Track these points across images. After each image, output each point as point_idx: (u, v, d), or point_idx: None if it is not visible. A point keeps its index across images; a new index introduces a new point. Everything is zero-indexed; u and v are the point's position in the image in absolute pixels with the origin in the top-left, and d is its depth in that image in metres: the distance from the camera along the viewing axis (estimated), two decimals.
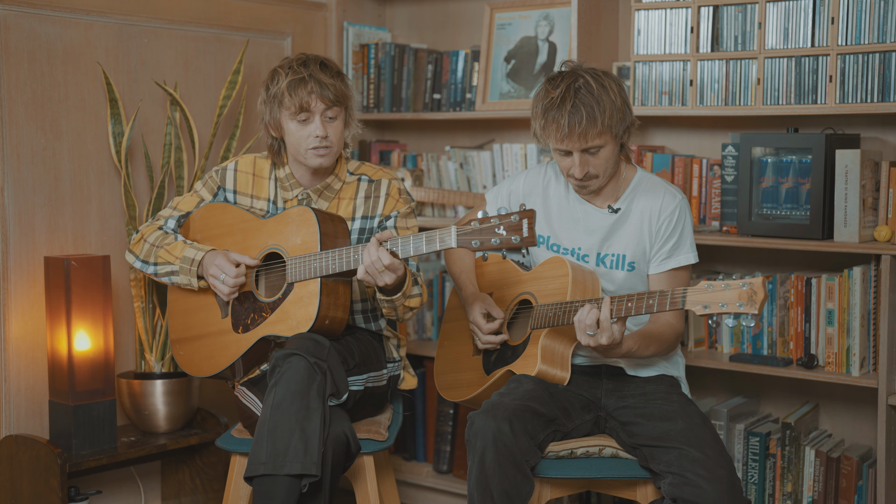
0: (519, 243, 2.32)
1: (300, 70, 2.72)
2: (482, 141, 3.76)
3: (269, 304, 2.71)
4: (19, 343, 3.09)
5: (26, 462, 2.98)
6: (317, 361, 2.51)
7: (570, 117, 2.51)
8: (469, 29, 3.79)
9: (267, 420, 2.47)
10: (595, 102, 2.52)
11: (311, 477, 2.43)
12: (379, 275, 2.52)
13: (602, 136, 2.54)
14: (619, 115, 2.55)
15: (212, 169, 2.96)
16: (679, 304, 2.33)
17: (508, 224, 2.34)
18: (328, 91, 2.71)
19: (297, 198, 2.83)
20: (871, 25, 2.83)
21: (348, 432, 2.55)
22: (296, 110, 2.70)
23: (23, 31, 3.05)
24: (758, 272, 2.25)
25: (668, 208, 2.65)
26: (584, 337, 2.44)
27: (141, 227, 2.92)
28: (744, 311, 2.24)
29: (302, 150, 2.74)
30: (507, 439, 2.40)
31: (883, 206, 2.88)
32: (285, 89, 2.70)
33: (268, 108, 2.77)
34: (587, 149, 2.55)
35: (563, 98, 2.53)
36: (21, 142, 3.06)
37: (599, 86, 2.54)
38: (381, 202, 2.82)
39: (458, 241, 2.38)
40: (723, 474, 2.35)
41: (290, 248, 2.70)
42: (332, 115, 2.74)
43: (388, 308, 2.69)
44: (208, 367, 2.81)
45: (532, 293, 2.71)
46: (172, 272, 2.80)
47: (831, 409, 3.17)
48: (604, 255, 2.70)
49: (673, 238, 2.65)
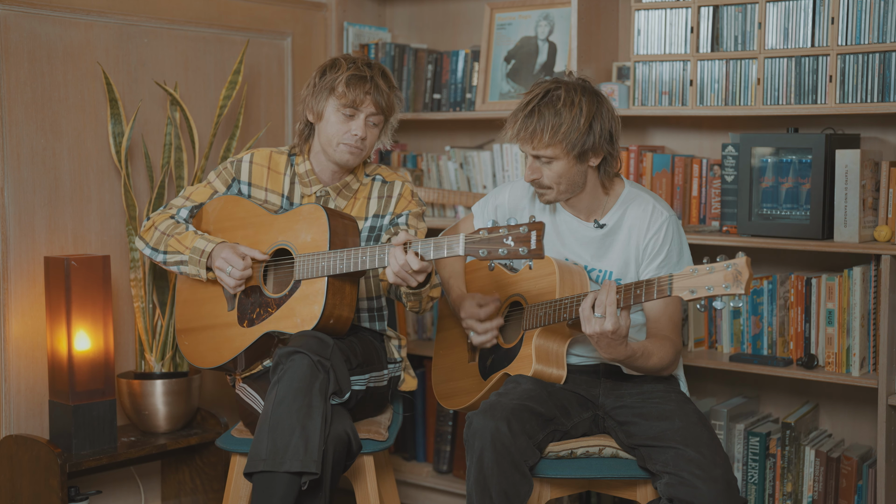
0: (526, 255, 2.32)
1: (364, 69, 2.76)
2: (482, 141, 3.76)
3: (275, 300, 2.72)
4: (19, 343, 3.09)
5: (26, 462, 2.98)
6: (320, 360, 2.52)
7: (525, 120, 2.55)
8: (469, 29, 3.79)
9: (268, 417, 2.48)
10: (554, 115, 2.53)
11: (311, 475, 2.43)
12: (410, 277, 2.52)
13: (551, 149, 2.55)
14: (577, 135, 2.53)
15: (226, 160, 2.96)
16: (666, 292, 2.32)
17: (517, 235, 2.34)
18: (382, 98, 2.76)
19: (315, 194, 2.84)
20: (871, 25, 2.83)
21: (350, 431, 2.56)
22: (346, 103, 2.73)
23: (23, 31, 3.05)
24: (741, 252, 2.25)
25: (655, 224, 2.63)
26: (589, 325, 2.40)
27: (152, 215, 2.91)
28: (730, 293, 2.23)
29: (335, 141, 2.76)
30: (505, 439, 2.40)
31: (883, 206, 2.88)
32: (344, 80, 2.73)
33: (315, 91, 2.78)
34: (538, 156, 2.57)
35: (529, 101, 2.57)
36: (21, 142, 3.06)
37: (569, 101, 2.54)
38: (394, 202, 2.85)
39: (466, 249, 2.39)
40: (719, 474, 2.35)
41: (300, 245, 2.71)
42: (375, 121, 2.78)
43: (413, 301, 2.71)
44: (212, 358, 2.82)
45: (521, 294, 2.71)
46: (182, 262, 2.80)
47: (831, 409, 3.17)
48: (590, 269, 2.70)
49: (660, 255, 2.63)
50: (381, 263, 2.55)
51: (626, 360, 2.50)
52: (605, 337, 2.40)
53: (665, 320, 2.61)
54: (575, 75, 2.66)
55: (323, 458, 2.46)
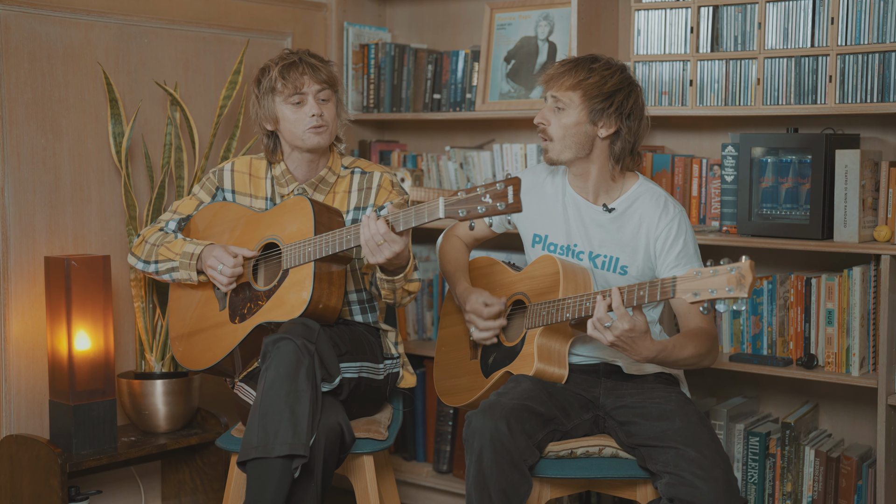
0: (504, 210, 2.34)
1: (290, 56, 2.83)
2: (482, 141, 3.76)
3: (264, 292, 2.73)
4: (19, 343, 3.09)
5: (26, 462, 2.98)
6: (304, 343, 2.53)
7: (561, 65, 2.68)
8: (469, 29, 3.79)
9: (259, 405, 2.50)
10: (588, 70, 2.63)
11: (301, 458, 2.43)
12: (378, 248, 2.52)
13: (570, 93, 2.62)
14: (597, 92, 2.61)
15: (209, 171, 2.98)
16: (669, 293, 2.32)
17: (494, 192, 2.35)
18: (320, 72, 2.81)
19: (293, 192, 2.87)
20: (870, 25, 2.83)
21: (343, 423, 2.57)
22: (290, 93, 2.79)
23: (23, 31, 3.05)
24: (745, 256, 2.25)
25: (667, 216, 2.65)
26: (605, 336, 2.39)
27: (142, 231, 2.96)
28: (733, 296, 2.23)
29: (299, 132, 2.80)
30: (504, 439, 2.40)
31: (883, 206, 2.88)
32: (278, 75, 2.80)
33: (262, 101, 2.85)
34: (556, 97, 2.64)
35: (574, 57, 2.71)
36: (21, 142, 3.06)
37: (605, 67, 2.64)
38: (374, 193, 2.87)
39: (446, 210, 2.40)
40: (719, 474, 2.35)
41: (287, 235, 2.73)
42: (324, 96, 2.83)
43: (387, 290, 2.70)
44: (205, 359, 2.82)
45: (525, 293, 2.72)
46: (172, 268, 2.83)
47: (831, 409, 3.17)
48: (596, 254, 2.70)
49: (677, 246, 2.63)
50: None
51: (659, 355, 2.46)
52: (626, 336, 2.38)
53: (695, 311, 2.59)
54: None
55: (315, 447, 2.47)
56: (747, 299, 2.23)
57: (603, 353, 2.69)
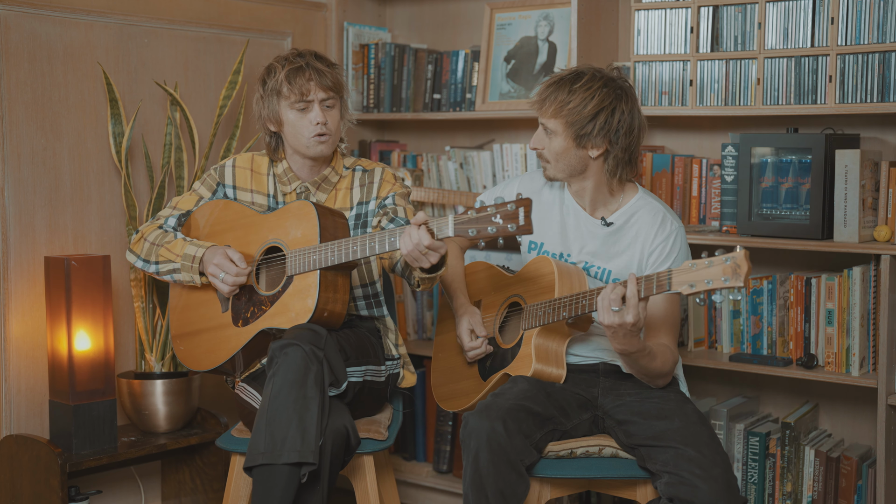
0: (515, 231, 2.32)
1: (297, 60, 2.80)
2: (482, 141, 3.76)
3: (268, 298, 2.72)
4: (19, 343, 3.09)
5: (26, 462, 2.98)
6: (313, 350, 2.52)
7: (545, 88, 2.66)
8: (469, 29, 3.79)
9: (266, 410, 2.49)
10: (568, 92, 2.61)
11: (310, 465, 2.43)
12: (423, 257, 2.49)
13: (553, 121, 2.62)
14: (578, 118, 2.58)
15: (210, 167, 2.98)
16: (666, 287, 2.32)
17: (505, 213, 2.34)
18: (326, 78, 2.78)
19: (295, 191, 2.86)
20: (870, 25, 2.83)
21: (349, 426, 2.56)
22: (296, 99, 2.77)
23: (23, 31, 3.05)
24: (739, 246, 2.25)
25: (664, 232, 2.64)
26: (607, 315, 2.38)
27: (141, 227, 2.94)
28: (729, 286, 2.23)
29: (303, 139, 2.79)
30: (500, 439, 2.40)
31: (883, 206, 2.88)
32: (284, 79, 2.77)
33: (266, 102, 2.83)
34: (543, 124, 2.65)
35: (560, 75, 2.67)
36: (21, 142, 3.06)
37: (587, 87, 2.60)
38: (376, 187, 2.88)
39: (455, 230, 2.39)
40: (718, 473, 2.35)
41: (290, 241, 2.72)
42: (330, 104, 2.81)
43: (427, 283, 2.68)
44: (208, 361, 2.82)
45: (520, 294, 2.72)
46: (174, 270, 2.81)
47: (831, 409, 3.17)
48: (589, 265, 2.70)
49: (668, 262, 2.64)
50: (372, 252, 2.56)
51: (637, 353, 2.47)
52: (624, 328, 2.38)
53: (666, 328, 2.62)
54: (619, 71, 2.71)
55: (321, 451, 2.47)
56: (744, 289, 2.24)
57: (601, 352, 2.69)
